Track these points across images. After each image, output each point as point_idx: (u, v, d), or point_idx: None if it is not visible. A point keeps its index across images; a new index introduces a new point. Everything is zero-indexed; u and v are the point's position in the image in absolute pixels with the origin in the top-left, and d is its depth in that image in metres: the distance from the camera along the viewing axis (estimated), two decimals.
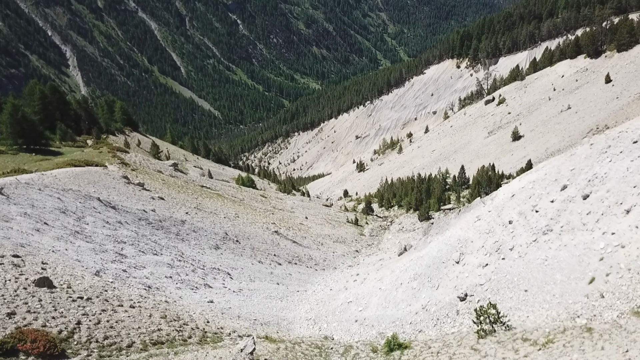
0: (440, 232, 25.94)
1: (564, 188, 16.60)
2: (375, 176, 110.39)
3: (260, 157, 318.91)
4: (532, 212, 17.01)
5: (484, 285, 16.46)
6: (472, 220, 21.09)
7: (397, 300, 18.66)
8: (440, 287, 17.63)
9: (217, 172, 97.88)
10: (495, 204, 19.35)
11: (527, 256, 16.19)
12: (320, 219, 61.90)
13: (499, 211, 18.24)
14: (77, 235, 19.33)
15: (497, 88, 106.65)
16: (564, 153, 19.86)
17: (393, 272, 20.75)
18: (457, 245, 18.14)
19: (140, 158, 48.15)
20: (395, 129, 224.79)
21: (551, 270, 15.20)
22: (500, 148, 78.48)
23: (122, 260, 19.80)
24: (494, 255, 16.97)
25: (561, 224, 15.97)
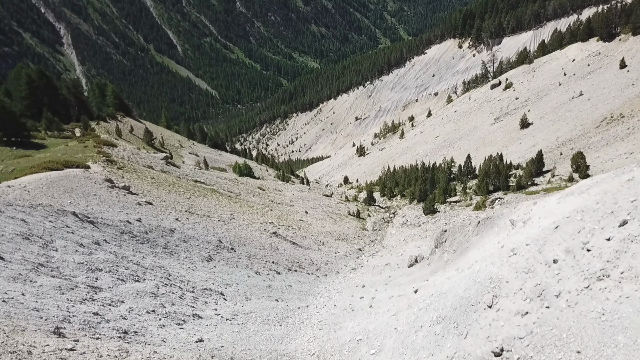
0: (459, 252, 23.09)
1: (623, 224, 13.71)
2: (376, 162, 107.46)
3: (258, 138, 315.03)
4: (582, 250, 14.13)
5: (524, 339, 13.67)
6: (500, 247, 18.17)
7: (417, 346, 15.94)
8: (469, 336, 14.86)
9: (214, 158, 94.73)
10: (532, 234, 16.44)
11: (578, 307, 13.34)
12: (321, 213, 59.14)
13: (539, 246, 15.34)
14: (41, 269, 16.44)
15: (504, 71, 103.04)
16: (616, 175, 16.99)
17: (410, 308, 18.05)
18: (488, 285, 15.35)
19: (129, 152, 45.00)
20: (396, 110, 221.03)
21: (610, 329, 12.38)
22: (508, 136, 75.38)
23: (95, 296, 16.96)
24: (535, 302, 14.13)
25: (621, 269, 13.10)
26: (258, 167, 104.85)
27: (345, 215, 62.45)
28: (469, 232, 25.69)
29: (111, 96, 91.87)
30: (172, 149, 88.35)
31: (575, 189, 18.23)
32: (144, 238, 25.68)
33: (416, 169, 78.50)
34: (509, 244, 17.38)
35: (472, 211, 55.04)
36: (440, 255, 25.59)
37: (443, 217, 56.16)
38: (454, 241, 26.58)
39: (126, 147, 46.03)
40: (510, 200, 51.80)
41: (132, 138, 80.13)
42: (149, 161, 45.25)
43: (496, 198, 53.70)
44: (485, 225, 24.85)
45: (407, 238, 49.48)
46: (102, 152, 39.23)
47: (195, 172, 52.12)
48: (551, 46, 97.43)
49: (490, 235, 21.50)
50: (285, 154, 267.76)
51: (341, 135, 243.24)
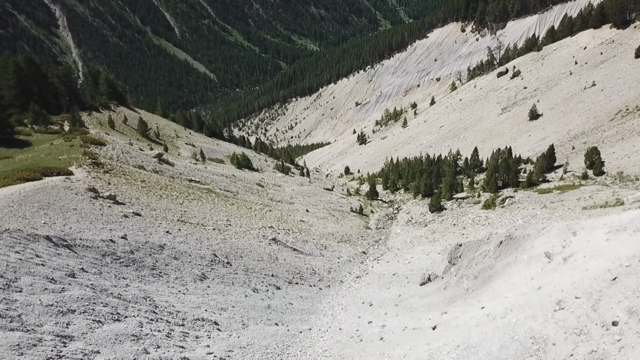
0: (482, 280, 20.49)
1: None
2: (378, 152, 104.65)
3: (257, 123, 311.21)
4: None
5: None
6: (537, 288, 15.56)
7: None
8: None
9: (211, 149, 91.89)
10: (581, 281, 13.80)
11: None
12: (322, 210, 56.60)
13: (593, 301, 12.75)
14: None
15: (511, 58, 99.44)
16: None
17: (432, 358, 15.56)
18: (530, 346, 12.83)
19: (119, 151, 42.19)
20: (397, 95, 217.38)
21: None
22: (516, 127, 72.50)
23: (64, 350, 14.37)
24: None
25: None
26: (257, 158, 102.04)
27: (348, 212, 59.91)
28: (490, 254, 23.11)
29: (104, 84, 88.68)
30: (168, 139, 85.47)
31: (626, 222, 15.57)
32: (129, 259, 23.10)
33: (420, 162, 75.76)
34: (549, 288, 14.77)
35: (480, 209, 52.52)
36: (458, 279, 23.01)
37: (450, 215, 53.66)
38: (472, 262, 24.00)
39: (116, 145, 43.20)
40: (522, 199, 49.26)
41: (126, 129, 77.17)
42: (141, 160, 42.48)
43: (506, 197, 51.11)
44: (508, 247, 22.27)
45: (414, 240, 47.00)
46: (88, 152, 36.43)
47: (190, 170, 49.38)
48: (561, 33, 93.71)
49: (519, 264, 18.91)
50: (285, 139, 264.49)
51: (341, 121, 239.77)
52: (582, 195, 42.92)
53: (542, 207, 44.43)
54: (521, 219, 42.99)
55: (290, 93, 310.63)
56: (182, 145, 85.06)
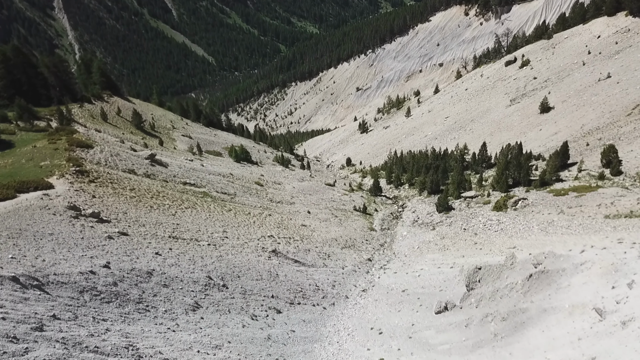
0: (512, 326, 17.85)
1: None
2: (380, 142, 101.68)
3: (255, 108, 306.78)
4: None
5: None
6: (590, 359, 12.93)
7: None
8: None
9: (208, 140, 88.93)
10: None
11: None
12: (325, 211, 53.96)
13: None
14: None
15: (519, 46, 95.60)
16: None
17: None
18: None
19: (108, 153, 39.30)
20: (399, 81, 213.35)
21: None
22: (526, 120, 69.49)
23: None
24: None
25: None
26: (255, 149, 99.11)
27: (351, 211, 57.30)
28: (517, 287, 20.49)
29: (97, 73, 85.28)
30: (164, 131, 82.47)
31: None
32: (112, 293, 20.50)
33: (426, 156, 72.91)
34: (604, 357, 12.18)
35: (491, 211, 49.88)
36: (482, 316, 20.35)
37: (459, 216, 51.01)
38: (496, 294, 21.38)
39: (104, 147, 40.29)
40: (536, 202, 46.57)
41: (120, 121, 74.10)
42: (131, 163, 39.65)
43: (519, 199, 48.42)
44: (540, 282, 19.64)
45: (422, 246, 44.44)
46: (72, 158, 33.59)
47: (185, 171, 46.54)
48: (572, 20, 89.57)
49: (558, 313, 16.27)
50: (284, 125, 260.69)
51: (342, 107, 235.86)
52: (603, 201, 40.23)
53: (558, 212, 41.79)
54: (537, 226, 40.40)
55: (290, 77, 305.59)
56: (178, 137, 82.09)
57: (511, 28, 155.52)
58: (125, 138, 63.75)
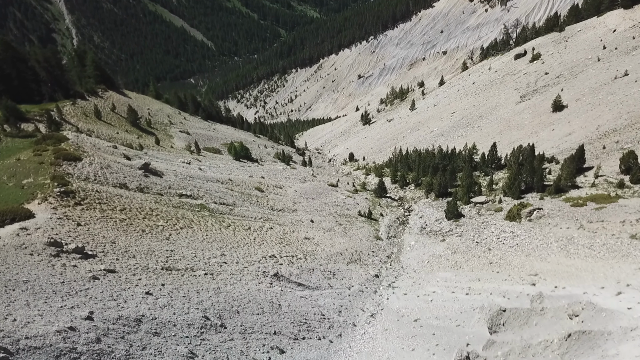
0: None
1: None
2: (384, 137, 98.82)
3: (255, 95, 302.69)
4: None
5: None
6: None
7: None
8: None
9: (207, 136, 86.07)
10: None
11: None
12: (328, 218, 51.46)
13: None
14: None
15: (529, 38, 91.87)
16: None
17: None
18: None
19: (97, 166, 36.58)
20: (402, 69, 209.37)
21: None
22: (538, 119, 66.66)
23: None
24: None
25: None
26: (255, 144, 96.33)
27: (355, 216, 54.82)
28: (554, 347, 18.05)
29: (91, 66, 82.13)
30: (161, 127, 79.64)
31: None
32: (94, 353, 18.07)
33: (432, 154, 70.21)
34: None
35: (504, 220, 47.38)
36: None
37: (470, 225, 48.51)
38: (527, 351, 18.96)
39: (94, 158, 37.56)
40: (552, 212, 44.01)
41: (114, 118, 71.23)
42: (123, 176, 37.00)
43: (534, 209, 45.84)
44: (581, 344, 17.19)
45: (432, 260, 42.02)
46: (58, 176, 30.92)
47: (181, 180, 43.89)
48: (586, 12, 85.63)
49: None
50: (284, 113, 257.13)
51: (343, 95, 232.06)
52: (627, 217, 37.65)
53: (578, 226, 39.26)
54: (555, 242, 37.92)
55: (290, 64, 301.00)
56: (175, 133, 79.26)
57: (518, 16, 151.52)
58: (120, 138, 61.04)
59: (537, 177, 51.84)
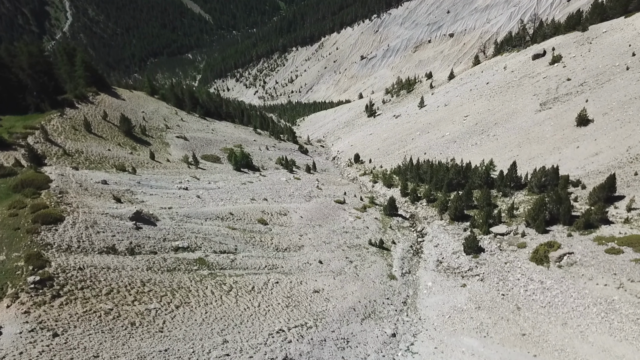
0: None
1: None
2: (391, 136, 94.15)
3: (255, 74, 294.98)
4: None
5: None
6: None
7: None
8: None
9: (205, 139, 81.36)
10: None
11: None
12: (338, 252, 47.61)
13: None
14: None
15: (547, 36, 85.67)
16: None
17: None
18: None
19: (82, 226, 32.23)
20: (406, 50, 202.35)
21: None
22: (560, 133, 62.14)
23: None
24: None
25: None
26: (257, 144, 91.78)
27: (366, 247, 50.94)
28: None
29: (80, 67, 76.87)
30: (156, 133, 74.97)
31: None
32: None
33: (446, 168, 65.97)
34: None
35: (529, 261, 43.48)
36: None
37: (492, 265, 44.57)
38: None
39: (78, 215, 33.24)
40: (585, 260, 39.96)
41: (106, 128, 66.49)
42: (111, 234, 32.83)
43: (564, 253, 41.88)
44: None
45: (453, 315, 38.26)
46: (34, 255, 26.77)
47: (178, 223, 39.71)
48: (611, 10, 79.03)
49: None
50: (284, 94, 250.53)
51: (345, 76, 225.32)
52: None
53: (617, 285, 35.34)
54: (594, 306, 34.09)
55: (290, 42, 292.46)
56: (172, 139, 74.62)
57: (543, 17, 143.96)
58: (112, 157, 56.67)
59: (564, 208, 47.70)
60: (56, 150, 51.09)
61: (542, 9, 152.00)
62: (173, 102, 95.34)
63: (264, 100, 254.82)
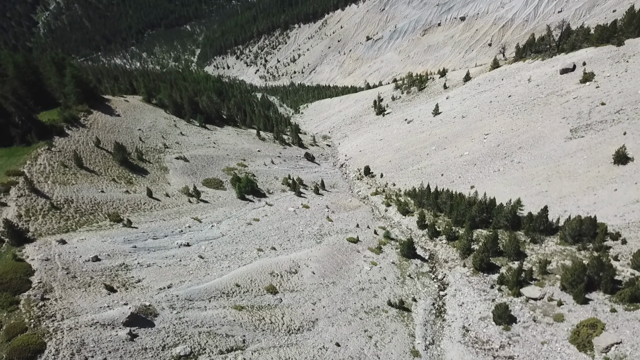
0: None
1: None
2: (404, 147, 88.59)
3: (255, 51, 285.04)
4: None
5: None
6: None
7: None
8: None
9: (207, 158, 75.90)
10: None
11: None
12: (355, 324, 43.24)
13: None
14: None
15: (576, 46, 77.90)
16: None
17: None
18: None
19: (66, 354, 27.72)
20: (414, 33, 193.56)
21: None
22: (595, 170, 56.86)
23: None
24: None
25: None
26: (261, 156, 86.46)
27: (385, 310, 46.51)
28: None
29: (71, 82, 70.94)
30: (154, 156, 69.64)
31: None
32: None
33: (468, 203, 61.01)
34: None
35: (569, 343, 39.16)
36: None
37: (526, 342, 40.27)
38: None
39: (62, 338, 28.30)
40: (637, 356, 35.65)
41: (99, 158, 61.09)
42: (102, 357, 28.26)
43: (611, 344, 37.41)
44: None
45: None
46: None
47: (178, 321, 35.00)
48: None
49: None
50: (287, 74, 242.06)
51: (350, 58, 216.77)
52: None
53: None
54: None
55: (292, 18, 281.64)
56: (171, 163, 69.28)
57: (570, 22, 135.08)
58: (105, 201, 51.58)
59: (606, 276, 43.03)
60: (42, 204, 46.03)
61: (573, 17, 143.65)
62: (171, 109, 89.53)
63: (266, 80, 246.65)
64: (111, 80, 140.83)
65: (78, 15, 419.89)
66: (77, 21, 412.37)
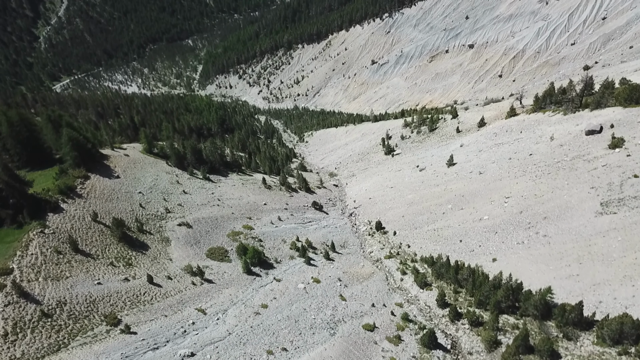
0: None
1: None
2: (418, 200, 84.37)
3: (258, 71, 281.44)
4: None
5: None
6: None
7: None
8: None
9: (211, 220, 71.66)
10: None
11: None
12: None
13: None
14: None
15: (601, 104, 73.37)
16: None
17: None
18: None
19: None
20: (421, 59, 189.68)
21: None
22: (632, 255, 52.48)
23: None
24: None
25: None
26: (268, 210, 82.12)
27: None
28: None
29: (67, 145, 66.86)
30: (155, 225, 65.47)
31: None
32: None
33: (492, 286, 56.75)
34: None
35: None
36: None
37: None
38: None
39: None
40: None
41: (96, 237, 56.86)
42: None
43: None
44: None
45: None
46: None
47: None
48: None
49: None
50: (290, 96, 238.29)
51: (355, 82, 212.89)
52: None
53: None
54: None
55: (296, 38, 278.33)
56: (173, 232, 65.11)
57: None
58: (101, 295, 47.33)
59: None
60: (32, 312, 41.81)
61: (574, 27, 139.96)
62: (174, 161, 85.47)
63: (269, 101, 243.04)
64: (111, 111, 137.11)
65: (79, 30, 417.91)
66: (78, 36, 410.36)
